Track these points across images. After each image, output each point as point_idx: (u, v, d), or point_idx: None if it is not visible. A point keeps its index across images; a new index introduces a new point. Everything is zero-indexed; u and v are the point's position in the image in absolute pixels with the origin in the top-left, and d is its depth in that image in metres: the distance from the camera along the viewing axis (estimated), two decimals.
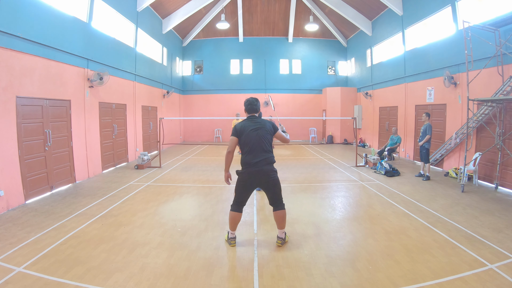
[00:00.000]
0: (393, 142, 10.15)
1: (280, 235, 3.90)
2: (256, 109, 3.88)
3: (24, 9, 5.78)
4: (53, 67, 6.65)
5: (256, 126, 3.71)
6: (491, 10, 7.37)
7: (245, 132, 3.67)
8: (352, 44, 17.48)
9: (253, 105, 3.85)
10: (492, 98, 6.51)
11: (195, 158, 11.69)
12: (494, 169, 6.89)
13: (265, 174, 3.65)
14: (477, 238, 4.04)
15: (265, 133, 3.71)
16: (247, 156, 3.66)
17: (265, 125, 3.77)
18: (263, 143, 3.67)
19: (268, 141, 3.73)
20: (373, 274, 3.18)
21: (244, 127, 3.71)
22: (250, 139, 3.64)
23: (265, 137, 3.70)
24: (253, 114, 3.86)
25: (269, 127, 3.78)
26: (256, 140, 3.64)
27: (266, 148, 3.68)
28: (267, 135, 3.72)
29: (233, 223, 3.84)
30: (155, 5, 12.77)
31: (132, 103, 10.85)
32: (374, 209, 5.40)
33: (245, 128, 3.69)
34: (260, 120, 3.82)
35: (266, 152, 3.67)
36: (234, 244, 3.88)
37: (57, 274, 3.15)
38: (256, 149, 3.63)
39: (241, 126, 3.73)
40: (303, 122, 18.31)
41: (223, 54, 18.35)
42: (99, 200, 5.87)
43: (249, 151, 3.65)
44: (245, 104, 3.88)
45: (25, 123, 5.78)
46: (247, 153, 3.66)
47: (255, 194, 6.37)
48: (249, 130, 3.67)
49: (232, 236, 3.90)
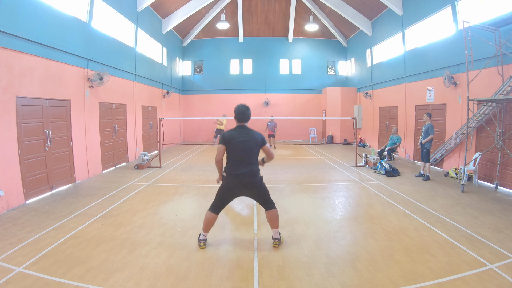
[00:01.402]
0: (393, 142, 10.14)
1: (274, 236, 3.86)
2: (247, 119, 3.75)
3: (24, 9, 5.78)
4: (53, 67, 6.65)
5: (245, 138, 3.61)
6: (491, 10, 7.37)
7: (233, 142, 3.59)
8: (352, 44, 17.48)
9: (244, 114, 3.72)
10: (492, 98, 6.51)
11: (195, 158, 11.69)
12: (494, 169, 6.89)
13: (246, 185, 3.65)
14: (477, 238, 4.04)
15: (253, 145, 3.63)
16: (231, 166, 3.65)
17: (254, 137, 3.66)
18: (249, 156, 3.62)
19: (254, 154, 3.66)
20: (373, 274, 3.18)
21: (232, 137, 3.61)
22: (236, 150, 3.59)
23: (253, 149, 3.63)
24: (243, 124, 3.75)
25: (258, 140, 3.67)
26: (242, 152, 3.59)
27: (251, 161, 3.63)
28: (255, 147, 3.65)
29: (207, 224, 3.80)
30: (155, 5, 12.77)
31: (132, 103, 10.85)
32: (374, 209, 5.40)
33: (232, 139, 3.60)
34: (249, 131, 3.70)
35: (250, 165, 3.62)
36: (204, 246, 3.80)
37: (57, 274, 3.15)
38: (241, 161, 3.60)
39: (229, 136, 3.63)
40: (303, 122, 18.31)
41: (223, 54, 18.35)
42: (99, 200, 5.87)
43: (233, 163, 3.63)
44: (236, 112, 3.73)
45: (25, 123, 5.77)
46: (231, 164, 3.65)
47: None
48: (236, 142, 3.58)
49: (203, 238, 3.82)
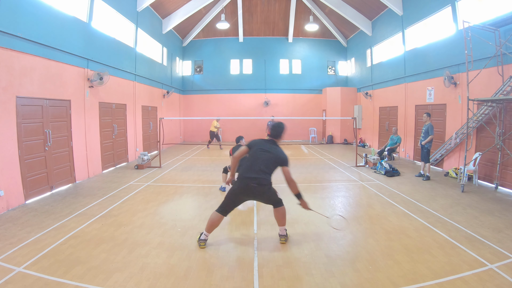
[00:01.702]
0: (393, 142, 10.15)
1: (281, 233, 3.94)
2: (277, 135, 3.85)
3: (24, 9, 5.78)
4: (53, 67, 6.65)
5: (268, 149, 3.72)
6: (491, 10, 7.36)
7: (255, 148, 3.74)
8: (352, 44, 17.47)
9: (274, 130, 3.84)
10: (492, 98, 6.51)
11: (195, 158, 11.69)
12: (494, 169, 6.89)
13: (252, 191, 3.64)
14: (477, 238, 4.04)
15: (272, 159, 3.67)
16: (243, 168, 3.72)
17: (277, 153, 3.72)
18: (263, 165, 3.63)
19: (269, 166, 3.67)
20: (373, 274, 3.18)
21: (257, 144, 3.77)
22: (254, 155, 3.70)
23: (270, 161, 3.66)
24: (273, 139, 3.85)
25: (279, 157, 3.69)
26: (258, 159, 3.65)
27: (263, 170, 3.63)
28: (273, 162, 3.68)
29: (211, 225, 3.78)
30: (155, 5, 12.77)
31: (132, 103, 10.85)
32: (374, 209, 5.40)
33: (256, 145, 3.76)
34: (276, 146, 3.79)
35: (260, 173, 3.61)
36: (204, 246, 3.79)
37: (57, 274, 3.15)
38: (252, 166, 3.64)
39: (255, 142, 3.81)
40: (303, 122, 18.31)
41: (223, 54, 18.35)
42: (99, 200, 5.87)
43: (246, 166, 3.69)
44: (270, 126, 3.88)
45: (25, 123, 5.77)
46: (243, 166, 3.72)
47: None
48: (258, 148, 3.73)
49: (204, 238, 3.80)
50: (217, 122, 14.38)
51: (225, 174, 6.69)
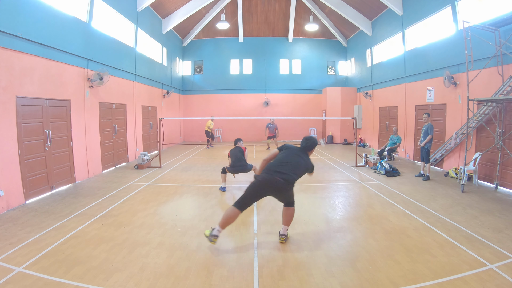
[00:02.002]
0: (393, 142, 10.15)
1: (283, 232, 3.97)
2: (308, 148, 4.00)
3: (24, 9, 5.78)
4: (53, 67, 6.65)
5: (301, 155, 3.89)
6: (491, 10, 7.36)
7: (289, 149, 3.95)
8: (352, 44, 17.47)
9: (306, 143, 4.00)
10: (492, 98, 6.51)
11: (195, 158, 11.69)
12: (494, 169, 6.89)
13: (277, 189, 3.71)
14: (477, 238, 4.04)
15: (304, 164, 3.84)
16: (274, 163, 3.82)
17: (308, 160, 3.93)
18: (295, 166, 3.77)
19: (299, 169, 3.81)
20: (373, 274, 3.18)
21: (292, 148, 3.98)
22: (288, 155, 3.85)
23: (301, 165, 3.82)
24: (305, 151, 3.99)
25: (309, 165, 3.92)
26: (292, 161, 3.78)
27: (294, 170, 3.75)
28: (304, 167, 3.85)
29: (227, 220, 3.64)
30: (155, 5, 12.77)
31: (132, 103, 10.85)
32: (374, 209, 5.40)
33: (291, 148, 3.97)
34: (308, 158, 3.96)
35: (290, 173, 3.71)
36: (215, 242, 3.65)
37: (57, 274, 3.15)
38: (285, 165, 3.73)
39: (289, 146, 4.03)
40: (303, 122, 18.31)
41: (223, 54, 18.35)
42: (99, 200, 5.87)
43: (278, 162, 3.79)
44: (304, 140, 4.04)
45: (25, 123, 5.77)
46: (275, 161, 3.83)
47: None
48: (293, 150, 3.93)
49: (217, 234, 3.64)
50: (211, 122, 14.40)
51: (224, 174, 6.71)
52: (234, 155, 6.63)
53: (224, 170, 6.74)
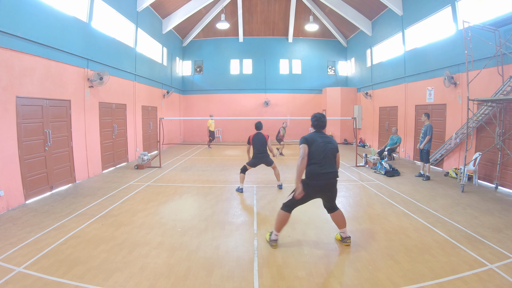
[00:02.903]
0: (393, 142, 10.15)
1: (344, 235, 3.90)
2: (323, 126, 3.84)
3: (24, 9, 5.78)
4: (53, 67, 6.65)
5: (328, 140, 3.73)
6: (491, 10, 7.36)
7: (316, 142, 3.65)
8: (352, 44, 17.47)
9: (320, 121, 3.82)
10: (492, 98, 6.50)
11: (195, 158, 11.69)
12: (494, 169, 6.89)
13: (330, 188, 3.69)
14: (477, 238, 4.04)
15: (335, 149, 3.73)
16: (316, 165, 3.60)
17: (334, 142, 3.79)
18: (333, 156, 3.69)
19: (335, 156, 3.72)
20: (373, 274, 3.18)
21: (315, 138, 3.69)
22: (321, 149, 3.62)
23: (334, 152, 3.71)
24: (321, 130, 3.84)
25: (336, 145, 3.78)
26: (327, 152, 3.64)
27: (333, 162, 3.69)
28: (335, 151, 3.73)
29: (281, 224, 3.81)
30: (155, 5, 12.77)
31: (132, 103, 10.85)
32: (374, 209, 5.40)
33: (315, 139, 3.67)
34: (329, 136, 3.82)
35: (333, 166, 3.67)
36: (276, 246, 3.83)
37: (57, 274, 3.15)
38: (326, 161, 3.63)
39: (311, 137, 3.70)
40: (303, 122, 18.30)
41: (223, 54, 18.35)
42: (99, 200, 5.87)
43: (319, 162, 3.60)
44: (313, 120, 3.85)
45: (25, 123, 5.78)
46: (315, 164, 3.61)
47: (255, 194, 6.36)
48: (320, 142, 3.66)
49: (275, 238, 3.85)
50: (211, 122, 14.40)
51: (242, 174, 6.36)
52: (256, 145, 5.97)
53: (244, 168, 6.26)
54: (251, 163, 6.12)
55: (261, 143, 5.95)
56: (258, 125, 6.34)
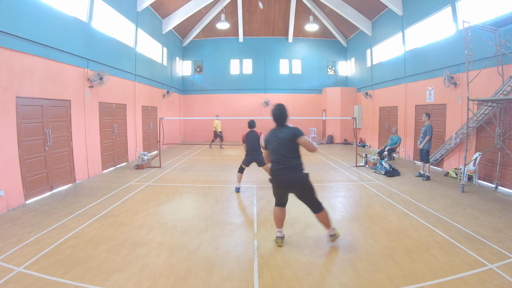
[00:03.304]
0: (393, 142, 10.14)
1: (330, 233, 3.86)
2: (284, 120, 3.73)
3: (24, 9, 5.78)
4: (53, 67, 6.65)
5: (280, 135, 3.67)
6: (491, 10, 7.36)
7: (270, 142, 3.75)
8: (352, 44, 17.47)
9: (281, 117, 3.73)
10: (492, 98, 6.50)
11: (195, 158, 11.69)
12: (494, 169, 6.89)
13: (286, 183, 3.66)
14: (477, 238, 4.04)
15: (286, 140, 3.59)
16: (272, 164, 3.73)
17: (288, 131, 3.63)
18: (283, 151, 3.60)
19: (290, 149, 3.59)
20: (373, 274, 3.18)
21: (269, 137, 3.78)
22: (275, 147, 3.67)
23: (286, 144, 3.59)
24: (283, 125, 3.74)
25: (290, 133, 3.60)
26: (280, 148, 3.62)
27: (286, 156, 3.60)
28: (289, 142, 3.58)
29: (276, 220, 3.88)
30: (155, 5, 12.77)
31: (132, 103, 10.85)
32: (374, 209, 5.40)
33: (269, 138, 3.76)
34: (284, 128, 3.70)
35: (286, 161, 3.60)
36: (281, 244, 3.83)
37: (57, 274, 3.15)
38: (280, 158, 3.63)
39: (267, 136, 3.80)
40: (303, 122, 18.30)
41: (223, 54, 18.35)
42: (99, 200, 5.87)
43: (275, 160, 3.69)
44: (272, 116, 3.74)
45: (25, 123, 5.77)
46: (272, 162, 3.73)
47: (255, 194, 6.36)
48: (272, 140, 3.71)
49: (280, 235, 3.87)
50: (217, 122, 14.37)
51: (240, 174, 6.45)
52: (249, 142, 6.05)
53: (241, 168, 6.37)
54: (245, 161, 6.20)
55: (254, 141, 6.02)
56: (251, 123, 6.43)
